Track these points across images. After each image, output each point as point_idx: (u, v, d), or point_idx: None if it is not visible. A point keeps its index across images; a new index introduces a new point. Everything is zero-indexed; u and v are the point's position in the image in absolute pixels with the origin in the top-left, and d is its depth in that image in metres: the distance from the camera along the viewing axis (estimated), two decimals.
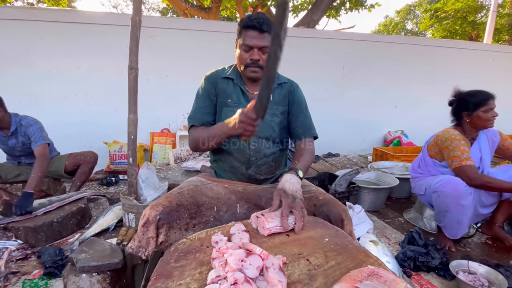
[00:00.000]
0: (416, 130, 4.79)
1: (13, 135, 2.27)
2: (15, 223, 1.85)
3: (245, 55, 1.28)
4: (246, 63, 1.29)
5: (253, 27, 1.23)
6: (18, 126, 2.26)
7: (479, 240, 2.02)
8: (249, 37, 1.24)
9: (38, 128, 2.29)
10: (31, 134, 2.25)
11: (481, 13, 12.59)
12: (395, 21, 21.74)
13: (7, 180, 2.41)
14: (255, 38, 1.24)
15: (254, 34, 1.23)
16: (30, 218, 1.90)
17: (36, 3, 11.36)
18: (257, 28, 1.23)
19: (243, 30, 1.26)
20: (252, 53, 1.26)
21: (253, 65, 1.28)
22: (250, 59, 1.27)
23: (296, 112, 1.43)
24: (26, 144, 2.32)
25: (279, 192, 1.11)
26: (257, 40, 1.24)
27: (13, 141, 2.29)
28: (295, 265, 0.83)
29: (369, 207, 2.46)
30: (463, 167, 1.73)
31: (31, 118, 2.34)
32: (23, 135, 2.29)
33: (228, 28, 4.00)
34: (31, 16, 3.28)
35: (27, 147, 2.34)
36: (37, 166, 2.11)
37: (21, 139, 2.30)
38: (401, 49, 4.75)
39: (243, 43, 1.26)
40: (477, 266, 1.52)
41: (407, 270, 1.62)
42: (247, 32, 1.25)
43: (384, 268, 0.79)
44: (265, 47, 1.26)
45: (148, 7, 17.33)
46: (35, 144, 2.23)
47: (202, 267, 0.83)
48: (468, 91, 1.90)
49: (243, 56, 1.28)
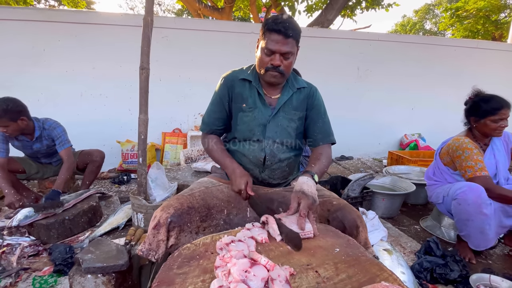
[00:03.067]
0: (434, 134, 4.61)
1: (38, 140, 2.32)
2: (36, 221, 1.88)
3: (266, 58, 1.23)
4: (266, 67, 1.24)
5: (278, 31, 1.17)
6: (42, 131, 2.31)
7: (501, 252, 1.90)
8: (273, 41, 1.18)
9: (62, 131, 2.35)
10: (56, 137, 2.32)
11: (505, 12, 12.05)
12: (413, 21, 21.15)
13: (30, 176, 2.47)
14: (278, 43, 1.18)
15: (279, 38, 1.18)
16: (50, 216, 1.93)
17: (58, 6, 11.78)
18: (282, 33, 1.17)
19: (267, 32, 1.19)
20: (274, 58, 1.21)
21: (274, 70, 1.23)
22: (271, 63, 1.22)
23: (314, 117, 1.39)
24: (50, 146, 2.38)
25: (297, 194, 1.08)
26: (281, 45, 1.18)
27: (38, 146, 2.34)
28: (303, 276, 0.78)
29: (384, 214, 2.37)
30: (478, 178, 1.65)
31: (51, 120, 2.38)
32: (47, 138, 2.34)
33: (240, 28, 3.97)
34: (49, 17, 3.37)
35: (50, 149, 2.40)
36: (65, 168, 2.24)
37: (46, 142, 2.35)
38: (419, 50, 4.58)
39: (265, 46, 1.20)
40: (500, 280, 1.43)
41: (423, 282, 1.54)
42: (271, 35, 1.18)
43: (399, 284, 0.73)
44: (288, 53, 1.20)
45: (164, 9, 17.64)
46: (62, 147, 2.31)
47: (205, 275, 0.80)
48: (485, 95, 1.80)
49: (264, 59, 1.23)
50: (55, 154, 2.46)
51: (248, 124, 1.33)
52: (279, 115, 1.33)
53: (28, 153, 2.42)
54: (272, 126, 1.32)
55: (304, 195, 1.06)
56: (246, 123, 1.33)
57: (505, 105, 1.70)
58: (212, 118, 1.40)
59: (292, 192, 1.12)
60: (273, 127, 1.32)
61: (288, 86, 1.37)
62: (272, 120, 1.32)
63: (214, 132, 1.42)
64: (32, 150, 2.35)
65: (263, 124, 1.32)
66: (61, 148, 2.31)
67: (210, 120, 1.41)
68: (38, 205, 1.93)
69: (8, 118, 2.06)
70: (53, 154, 2.47)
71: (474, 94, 1.85)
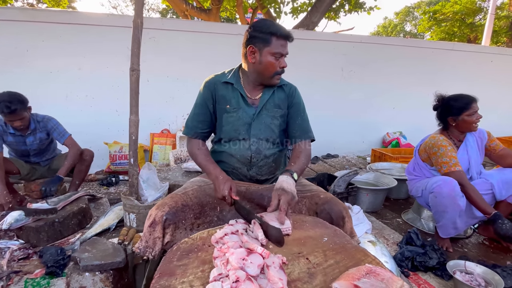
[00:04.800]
0: (414, 132, 4.81)
1: (32, 133, 2.32)
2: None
3: (276, 62, 1.30)
4: (276, 71, 1.32)
5: (283, 36, 1.28)
6: (36, 123, 2.31)
7: (476, 241, 2.04)
8: (282, 45, 1.29)
9: (56, 123, 2.38)
10: (52, 129, 2.35)
11: (480, 15, 12.66)
12: (394, 23, 21.84)
13: (23, 177, 2.43)
14: (285, 46, 1.30)
15: (284, 42, 1.29)
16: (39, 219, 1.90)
17: (36, 4, 11.37)
18: (287, 37, 1.29)
19: (274, 38, 1.27)
20: (281, 60, 1.31)
21: (281, 72, 1.34)
22: (279, 67, 1.31)
23: (294, 114, 1.46)
24: (42, 140, 2.39)
25: (277, 191, 1.13)
26: (286, 48, 1.31)
27: (31, 139, 2.33)
28: (295, 263, 0.85)
29: (368, 208, 2.48)
30: (452, 173, 1.77)
31: (42, 114, 2.39)
32: (41, 131, 2.34)
33: (227, 30, 4.02)
34: (33, 17, 3.30)
35: (43, 144, 2.41)
36: (71, 155, 2.33)
37: (39, 135, 2.35)
38: (399, 51, 4.78)
39: (277, 51, 1.28)
40: (474, 266, 1.54)
41: (405, 270, 1.65)
42: (278, 40, 1.28)
43: (381, 266, 0.81)
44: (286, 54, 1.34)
45: (148, 8, 17.36)
46: (63, 138, 2.37)
47: (204, 266, 0.85)
48: (450, 95, 1.93)
49: (274, 64, 1.30)
50: (45, 151, 2.46)
51: (233, 124, 1.38)
52: (262, 113, 1.39)
53: (19, 150, 2.38)
54: (256, 124, 1.38)
55: (284, 192, 1.11)
56: (231, 123, 1.38)
57: (472, 99, 1.84)
58: (196, 121, 1.44)
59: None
60: (257, 125, 1.38)
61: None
62: (256, 118, 1.38)
63: (198, 135, 1.45)
64: (25, 145, 2.33)
65: (247, 123, 1.38)
66: (62, 138, 2.37)
67: (193, 124, 1.44)
68: (29, 209, 1.90)
69: (23, 109, 2.12)
70: (44, 151, 2.46)
71: (439, 98, 1.97)
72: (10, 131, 2.26)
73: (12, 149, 2.39)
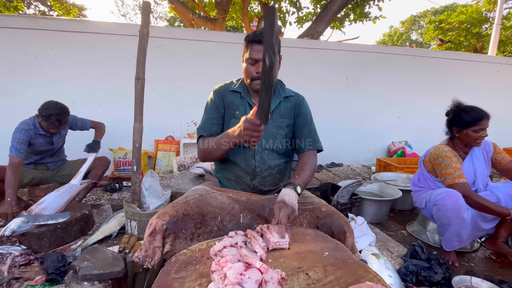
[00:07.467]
0: (420, 141, 4.77)
1: (58, 132, 2.46)
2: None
3: (251, 68, 1.32)
4: (252, 76, 1.33)
5: (258, 41, 1.28)
6: None
7: (482, 255, 1.99)
8: (255, 50, 1.29)
9: (74, 115, 2.60)
10: (74, 122, 2.59)
11: (486, 25, 12.63)
12: (400, 32, 21.87)
13: (23, 183, 2.46)
14: (260, 52, 1.28)
15: (259, 48, 1.28)
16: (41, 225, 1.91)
17: (48, 11, 11.69)
18: (262, 42, 1.26)
19: (249, 44, 1.31)
20: (258, 66, 1.31)
21: (259, 78, 1.31)
22: (256, 72, 1.31)
23: (300, 124, 1.45)
24: (63, 136, 2.59)
25: (278, 204, 1.13)
26: (261, 53, 1.27)
27: (57, 138, 2.50)
28: (294, 279, 0.84)
29: (372, 219, 2.44)
30: (456, 184, 1.74)
31: None
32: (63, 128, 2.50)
33: (233, 39, 4.07)
34: (42, 25, 3.38)
35: (63, 139, 2.62)
36: (100, 128, 2.76)
37: (63, 132, 2.56)
38: (404, 60, 4.78)
39: (249, 57, 1.31)
40: (480, 282, 1.50)
41: (409, 284, 1.60)
42: (252, 46, 1.30)
43: (382, 284, 0.79)
44: None
45: (156, 16, 17.72)
46: (87, 123, 2.70)
47: (202, 279, 0.84)
48: (465, 106, 1.89)
49: (249, 69, 1.33)
50: (60, 151, 2.63)
51: None
52: (268, 123, 1.39)
53: (43, 150, 2.47)
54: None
55: (284, 205, 1.11)
56: None
57: (484, 116, 1.79)
58: (209, 124, 1.42)
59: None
60: (263, 135, 1.38)
61: (275, 95, 1.44)
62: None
63: (213, 135, 1.41)
64: (52, 145, 2.47)
65: None
66: (87, 124, 2.68)
67: (207, 126, 1.41)
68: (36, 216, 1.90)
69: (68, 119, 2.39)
70: (59, 150, 2.61)
71: (455, 105, 1.94)
72: (41, 133, 2.36)
73: (33, 150, 2.43)
